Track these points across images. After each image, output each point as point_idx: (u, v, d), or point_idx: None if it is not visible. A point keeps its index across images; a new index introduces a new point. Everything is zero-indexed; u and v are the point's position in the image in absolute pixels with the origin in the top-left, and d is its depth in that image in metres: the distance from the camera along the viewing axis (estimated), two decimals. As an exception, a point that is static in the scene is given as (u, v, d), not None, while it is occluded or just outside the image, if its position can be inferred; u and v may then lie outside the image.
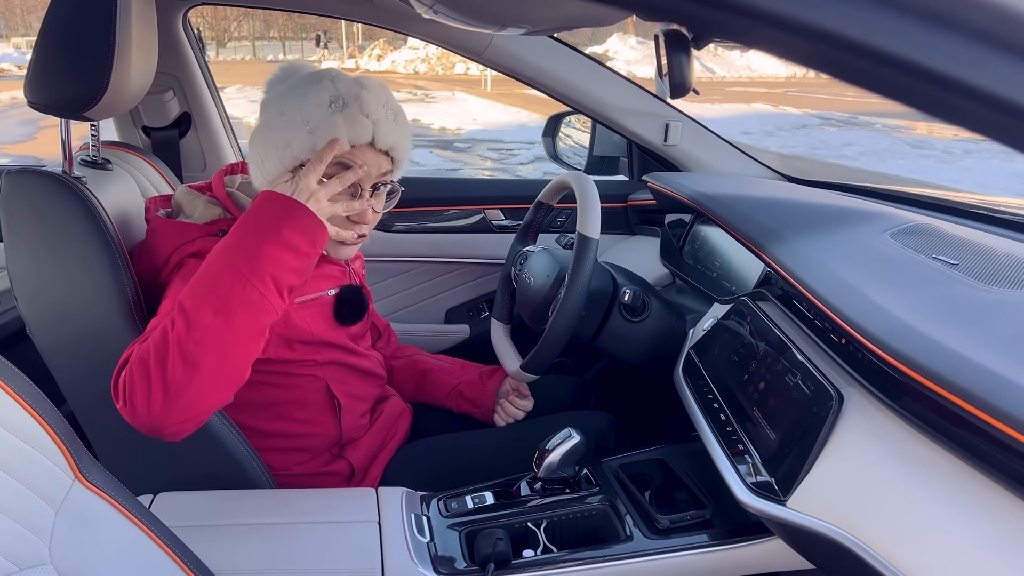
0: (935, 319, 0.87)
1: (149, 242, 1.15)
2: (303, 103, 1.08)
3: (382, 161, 1.13)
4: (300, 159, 1.07)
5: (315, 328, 1.20)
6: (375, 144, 1.10)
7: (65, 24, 1.05)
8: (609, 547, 1.06)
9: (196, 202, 1.18)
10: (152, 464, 1.15)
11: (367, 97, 1.09)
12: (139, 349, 0.93)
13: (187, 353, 0.91)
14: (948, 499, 0.75)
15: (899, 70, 0.29)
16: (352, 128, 1.07)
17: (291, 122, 1.07)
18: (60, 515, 0.75)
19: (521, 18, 0.85)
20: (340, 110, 1.07)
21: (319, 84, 1.09)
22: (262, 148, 1.11)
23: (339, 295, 1.24)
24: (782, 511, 0.89)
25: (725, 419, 1.09)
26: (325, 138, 1.05)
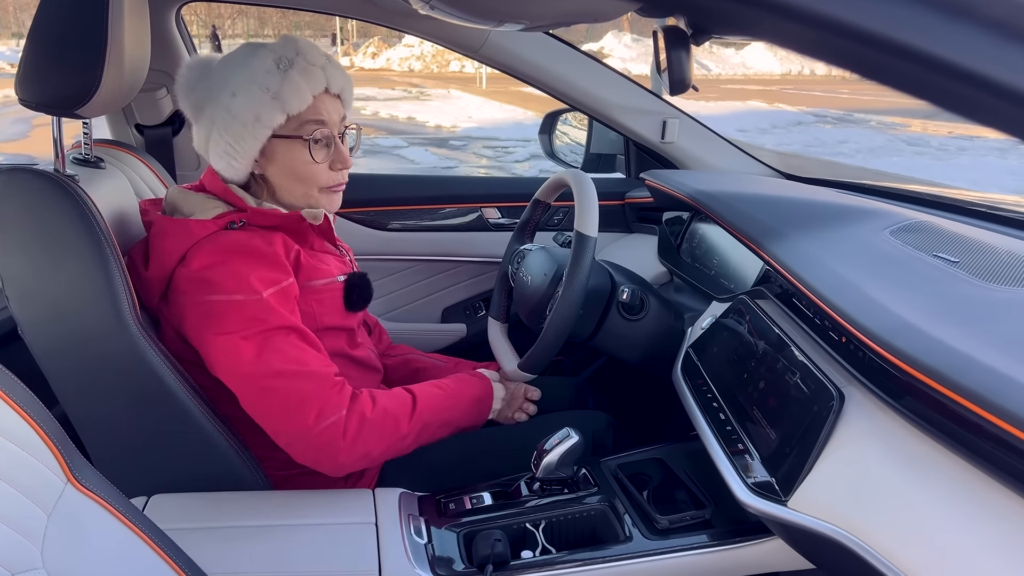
0: (937, 317, 0.87)
1: (157, 242, 1.14)
2: (253, 74, 1.12)
3: (339, 106, 1.20)
4: (272, 128, 1.13)
5: (324, 315, 1.22)
6: (330, 89, 1.16)
7: (56, 20, 1.04)
8: (608, 548, 1.05)
9: (194, 199, 1.18)
10: (146, 466, 1.14)
11: (305, 48, 1.15)
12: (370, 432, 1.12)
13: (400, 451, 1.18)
14: (950, 499, 0.75)
15: (917, 63, 0.28)
16: (309, 79, 1.13)
17: (251, 97, 1.12)
18: (52, 519, 0.74)
19: (519, 14, 0.84)
20: (291, 66, 1.12)
21: (256, 54, 1.14)
22: (228, 136, 1.14)
23: (348, 281, 1.27)
24: (783, 511, 0.89)
25: (724, 418, 1.08)
26: (291, 98, 1.11)
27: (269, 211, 1.18)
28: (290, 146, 1.16)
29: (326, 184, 1.20)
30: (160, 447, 1.13)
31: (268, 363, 1.08)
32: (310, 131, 1.16)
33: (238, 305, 1.09)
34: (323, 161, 1.18)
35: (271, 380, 1.08)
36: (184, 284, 1.11)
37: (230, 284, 1.09)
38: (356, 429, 1.10)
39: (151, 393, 1.09)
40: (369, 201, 1.93)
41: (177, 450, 1.13)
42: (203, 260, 1.10)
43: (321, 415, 1.08)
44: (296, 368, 1.09)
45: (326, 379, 1.11)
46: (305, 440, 1.09)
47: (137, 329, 1.07)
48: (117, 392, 1.09)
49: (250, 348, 1.08)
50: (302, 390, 1.08)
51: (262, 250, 1.13)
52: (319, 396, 1.09)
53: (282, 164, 1.18)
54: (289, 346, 1.10)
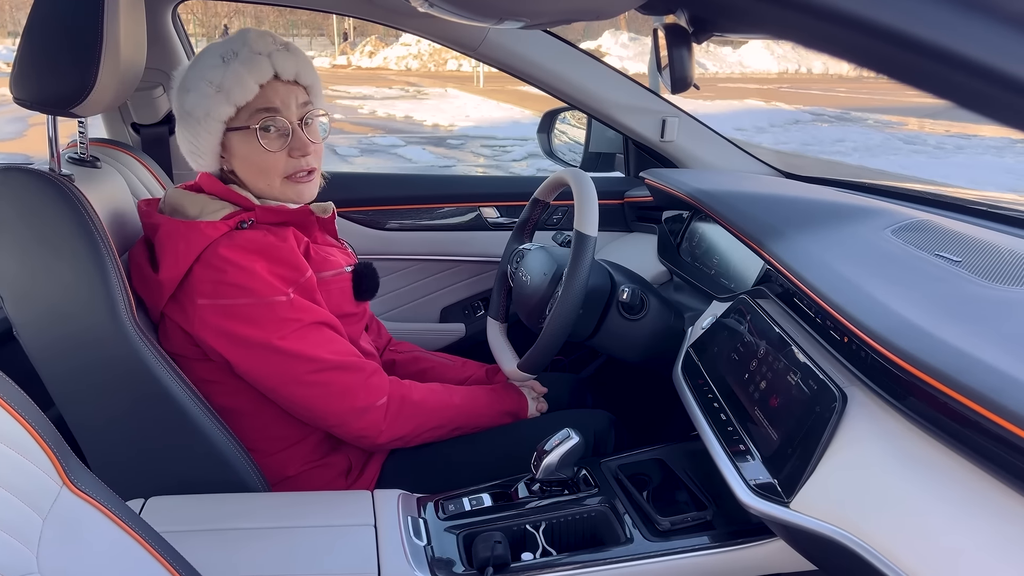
0: (940, 317, 0.86)
1: (170, 244, 1.13)
2: (201, 70, 1.14)
3: (295, 92, 1.18)
4: (224, 122, 1.14)
5: (334, 306, 1.22)
6: (280, 76, 1.15)
7: (51, 18, 1.03)
8: (609, 549, 1.04)
9: (198, 200, 1.17)
10: (144, 468, 1.13)
11: (253, 37, 1.15)
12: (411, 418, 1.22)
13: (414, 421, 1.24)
14: (955, 501, 0.74)
15: (936, 60, 0.27)
16: (252, 69, 1.12)
17: (199, 93, 1.13)
18: (48, 522, 0.73)
19: (519, 11, 0.83)
20: (234, 58, 1.13)
21: (207, 51, 1.16)
22: (189, 135, 1.17)
23: (356, 270, 1.28)
24: (785, 513, 0.88)
25: (725, 419, 1.07)
26: (234, 89, 1.12)
27: (276, 207, 1.19)
28: (244, 137, 1.16)
29: (286, 172, 1.19)
30: (157, 449, 1.13)
31: (309, 360, 1.12)
32: (258, 119, 1.15)
33: (268, 307, 1.10)
34: (279, 149, 1.17)
35: (313, 376, 1.13)
36: (203, 286, 1.10)
37: (255, 286, 1.10)
38: (396, 413, 1.19)
39: (148, 395, 1.08)
40: (367, 200, 1.92)
41: (175, 452, 1.12)
42: (222, 262, 1.10)
43: (365, 401, 1.16)
44: (336, 359, 1.14)
45: (364, 367, 1.17)
46: (349, 424, 1.17)
47: (134, 330, 1.06)
48: (114, 394, 1.08)
49: (288, 349, 1.11)
50: (345, 381, 1.15)
51: (278, 247, 1.14)
52: (362, 385, 1.16)
53: (241, 156, 1.18)
54: (325, 340, 1.14)
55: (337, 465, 1.24)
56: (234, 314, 1.10)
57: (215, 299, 1.10)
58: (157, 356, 1.08)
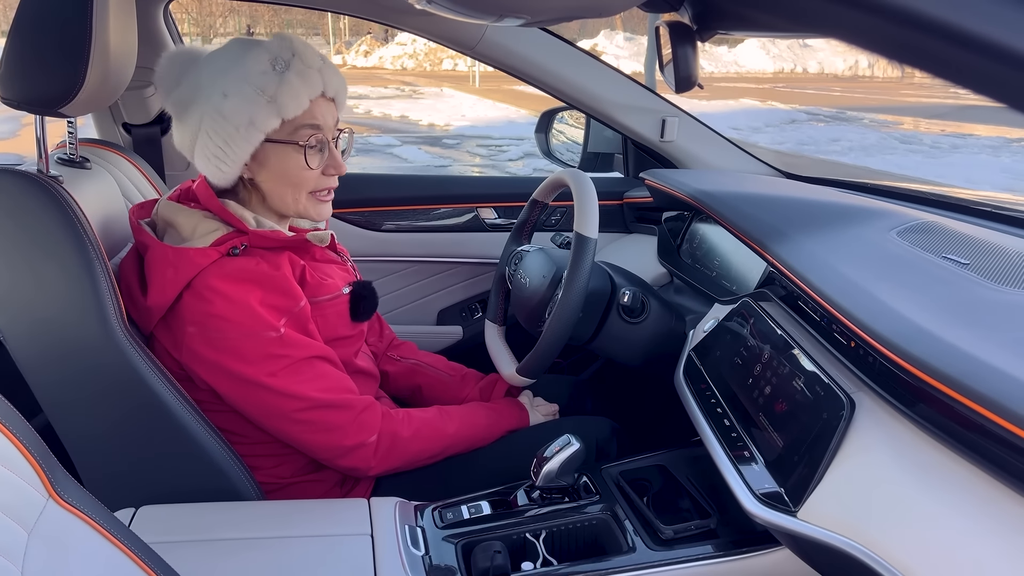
0: (949, 321, 0.84)
1: (159, 271, 1.09)
2: (247, 75, 1.07)
3: (334, 110, 1.15)
4: (266, 132, 1.08)
5: (329, 329, 1.19)
6: (326, 93, 1.12)
7: (39, 15, 1.00)
8: (611, 559, 1.02)
9: (191, 218, 1.12)
10: (135, 476, 1.11)
11: (302, 48, 1.10)
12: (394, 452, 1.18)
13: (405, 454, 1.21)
14: (968, 511, 0.73)
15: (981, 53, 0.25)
16: (306, 83, 1.08)
17: (245, 98, 1.06)
18: (33, 537, 0.71)
19: (519, 8, 0.81)
20: (287, 68, 1.07)
21: (250, 52, 1.08)
22: (217, 139, 1.08)
23: (354, 292, 1.24)
24: (792, 522, 0.86)
25: (729, 424, 1.05)
26: (288, 102, 1.07)
27: (271, 233, 1.14)
28: (284, 151, 1.11)
29: (316, 188, 1.16)
30: (149, 457, 1.10)
31: (297, 399, 1.09)
32: (305, 136, 1.11)
33: (257, 342, 1.07)
34: (317, 167, 1.14)
35: (302, 414, 1.10)
36: (192, 315, 1.07)
37: (244, 320, 1.06)
38: (387, 449, 1.16)
39: (139, 402, 1.06)
40: (363, 201, 1.90)
41: (167, 460, 1.10)
42: (211, 293, 1.06)
43: (355, 440, 1.13)
44: (325, 398, 1.11)
45: (354, 404, 1.14)
46: (338, 460, 1.15)
47: (124, 337, 1.04)
48: (104, 402, 1.06)
49: (276, 387, 1.08)
50: (334, 419, 1.12)
51: (270, 275, 1.10)
52: (352, 422, 1.13)
53: (274, 169, 1.13)
54: (315, 376, 1.11)
55: (332, 475, 1.22)
56: (222, 347, 1.07)
57: (203, 330, 1.07)
58: (148, 363, 1.05)
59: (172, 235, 1.13)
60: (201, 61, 1.12)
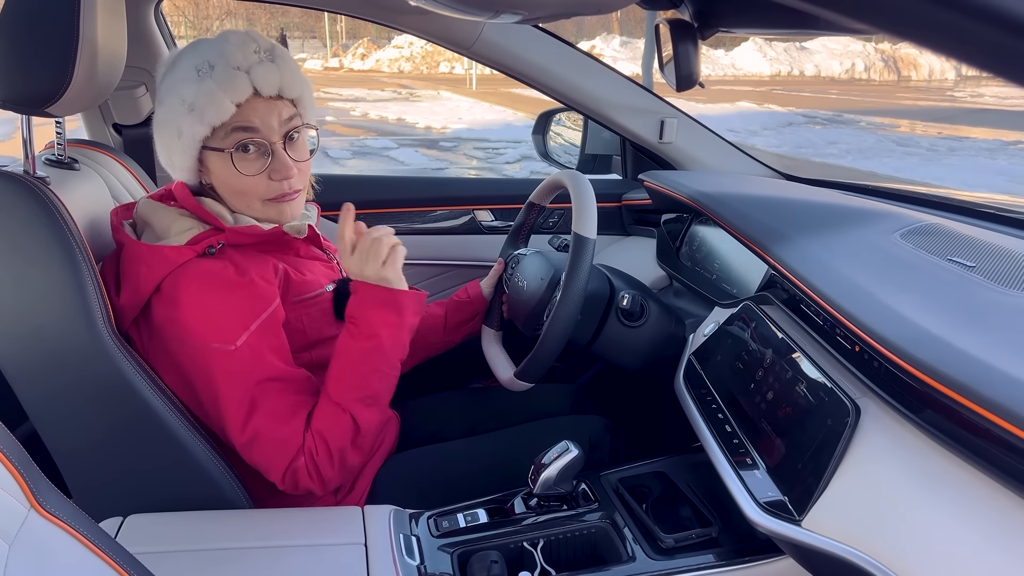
0: (956, 325, 0.83)
1: (132, 269, 1.06)
2: (174, 83, 1.05)
3: (279, 108, 1.08)
4: (198, 139, 1.05)
5: (312, 328, 1.16)
6: (260, 93, 1.05)
7: (26, 12, 0.98)
8: (611, 568, 1.00)
9: (166, 217, 1.10)
10: (122, 485, 1.08)
11: (231, 50, 1.04)
12: (314, 455, 1.06)
13: (361, 446, 1.10)
14: (976, 520, 0.71)
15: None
16: (227, 87, 1.02)
17: (172, 107, 1.05)
18: (15, 548, 0.68)
19: (516, 4, 0.79)
20: (209, 74, 1.03)
21: (185, 59, 1.06)
22: (163, 146, 1.09)
23: (337, 290, 1.21)
24: (797, 532, 0.84)
25: (731, 430, 1.03)
26: (207, 109, 1.02)
27: (248, 229, 1.10)
28: (219, 158, 1.07)
29: (267, 196, 1.10)
30: (138, 465, 1.08)
31: (236, 421, 1.05)
32: (235, 141, 1.05)
33: (215, 354, 1.04)
34: (257, 172, 1.07)
35: (242, 436, 1.06)
36: (159, 320, 1.05)
37: (205, 329, 1.04)
38: (323, 465, 1.07)
39: (127, 409, 1.03)
40: (358, 203, 1.86)
41: (156, 468, 1.07)
42: (177, 295, 1.04)
43: (286, 471, 1.07)
44: (258, 427, 1.05)
45: (287, 439, 1.06)
46: (287, 487, 1.09)
47: (112, 342, 1.02)
48: (92, 409, 1.04)
49: (232, 401, 1.04)
50: (261, 449, 1.06)
51: (236, 282, 1.06)
52: (279, 458, 1.06)
53: (218, 176, 1.09)
54: (257, 401, 1.05)
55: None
56: (184, 353, 1.05)
57: (168, 336, 1.05)
58: (136, 368, 1.03)
59: (149, 233, 1.11)
60: (169, 67, 1.10)
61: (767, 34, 1.38)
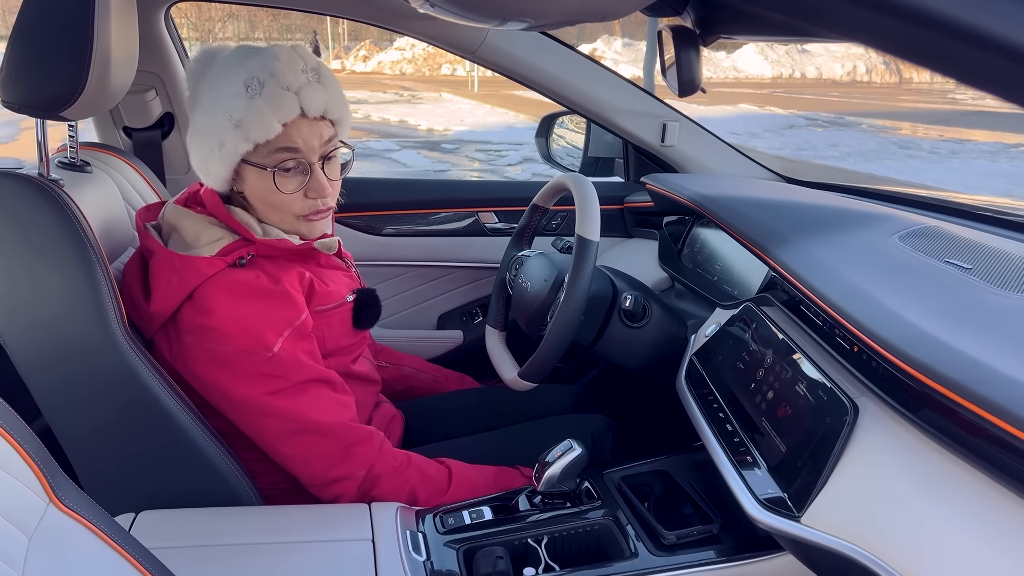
0: (953, 326, 0.84)
1: (162, 278, 1.08)
2: (221, 96, 1.05)
3: (321, 129, 1.09)
4: (239, 154, 1.06)
5: (332, 338, 1.18)
6: (306, 114, 1.06)
7: (41, 19, 1.00)
8: (613, 564, 1.01)
9: (196, 225, 1.11)
10: (135, 481, 1.10)
11: (281, 69, 1.04)
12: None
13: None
14: (973, 517, 0.72)
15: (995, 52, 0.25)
16: (276, 107, 1.03)
17: (216, 120, 1.05)
18: (34, 541, 0.70)
19: (522, 12, 0.80)
20: (259, 92, 1.03)
21: (231, 71, 1.05)
22: (200, 153, 1.09)
23: (357, 300, 1.23)
24: (796, 528, 0.86)
25: (732, 430, 1.05)
26: (254, 127, 1.03)
27: (278, 243, 1.12)
28: (259, 174, 1.09)
29: (301, 212, 1.12)
30: (149, 462, 1.10)
31: (284, 419, 1.07)
32: (278, 160, 1.07)
33: (250, 360, 1.06)
34: (295, 190, 1.10)
35: (289, 437, 1.09)
36: (189, 326, 1.07)
37: (240, 337, 1.05)
38: (369, 487, 1.12)
39: (139, 407, 1.05)
40: (363, 205, 1.89)
41: (167, 464, 1.09)
42: (210, 305, 1.05)
43: (339, 472, 1.10)
44: (315, 421, 1.08)
45: (346, 434, 1.11)
46: (321, 490, 1.12)
47: (125, 340, 1.04)
48: (104, 406, 1.06)
49: (265, 405, 1.07)
50: (320, 447, 1.09)
51: (271, 290, 1.08)
52: (339, 454, 1.10)
53: (255, 190, 1.11)
54: (307, 401, 1.09)
55: None
56: (216, 361, 1.06)
57: (200, 341, 1.06)
58: (148, 367, 1.05)
59: (176, 240, 1.12)
60: (212, 66, 1.10)
61: (767, 40, 1.39)
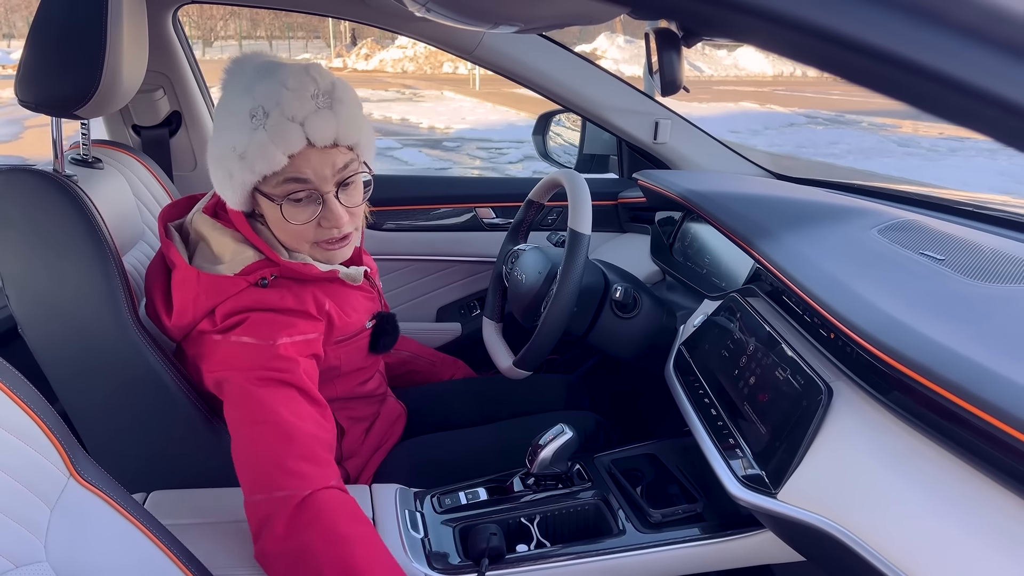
0: (922, 313, 0.88)
1: (187, 295, 1.06)
2: (228, 125, 1.01)
3: (333, 157, 1.03)
4: (249, 185, 1.03)
5: (346, 363, 1.19)
6: (314, 144, 1.00)
7: (56, 22, 1.05)
8: (602, 541, 1.06)
9: (222, 240, 1.08)
10: (144, 464, 1.15)
11: (288, 98, 0.98)
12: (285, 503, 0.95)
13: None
14: (936, 489, 0.77)
15: (886, 64, 0.30)
16: (280, 140, 0.98)
17: (223, 150, 1.02)
18: (55, 512, 0.75)
19: (513, 16, 0.85)
20: (262, 124, 0.98)
21: (240, 97, 1.01)
22: (215, 176, 1.06)
23: (376, 327, 1.22)
24: (772, 503, 0.91)
25: (716, 414, 1.10)
26: (257, 160, 0.99)
27: (303, 267, 1.08)
28: (270, 205, 1.05)
29: (316, 240, 1.09)
30: (158, 445, 1.14)
31: (258, 411, 1.00)
32: (287, 191, 1.03)
33: (249, 348, 1.03)
34: (306, 221, 1.05)
35: (250, 427, 1.00)
36: (203, 328, 1.07)
37: (245, 329, 1.04)
38: (303, 521, 0.94)
39: (150, 393, 1.10)
40: None
41: (176, 448, 1.14)
42: (227, 316, 1.05)
43: (282, 481, 0.96)
44: (283, 421, 0.99)
45: (308, 443, 0.99)
46: (251, 491, 0.98)
47: (135, 330, 1.08)
48: (117, 391, 1.11)
49: (250, 392, 1.01)
50: (274, 445, 0.98)
51: (291, 307, 1.06)
52: (284, 464, 0.97)
53: (269, 217, 1.08)
54: (287, 401, 1.01)
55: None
56: (228, 366, 1.04)
57: (211, 337, 1.06)
58: (156, 354, 1.10)
59: (203, 251, 1.10)
60: (235, 79, 1.06)
61: (742, 43, 1.42)
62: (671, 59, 0.88)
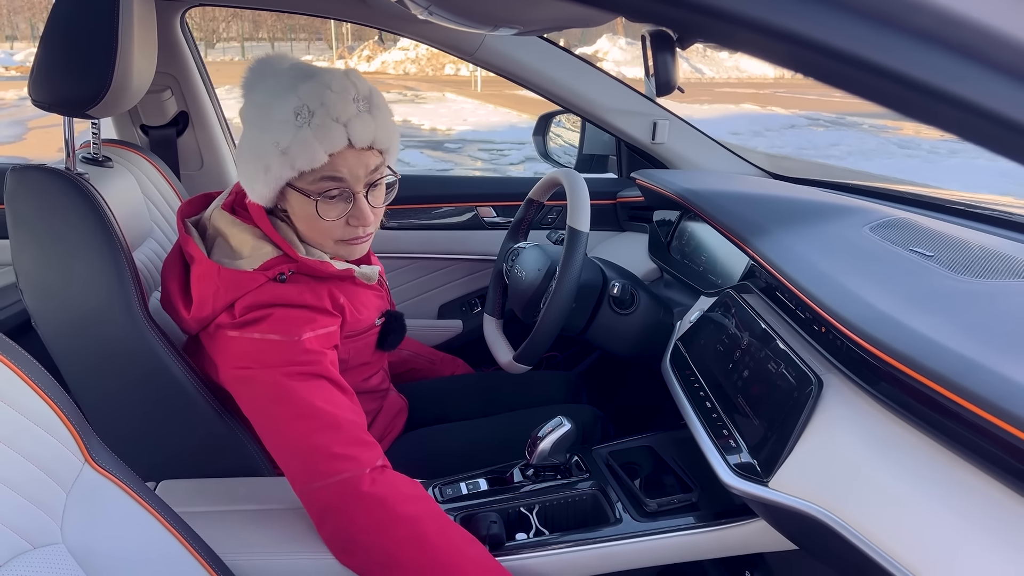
0: (911, 308, 0.91)
1: (205, 288, 1.08)
2: (270, 121, 1.03)
3: (367, 159, 1.07)
4: (284, 179, 1.05)
5: (353, 358, 1.21)
6: (353, 145, 1.04)
7: (68, 24, 1.08)
8: (599, 529, 1.09)
9: (241, 235, 1.11)
10: (154, 454, 1.18)
11: (333, 99, 1.02)
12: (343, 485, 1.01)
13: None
14: (922, 477, 0.79)
15: (853, 66, 0.33)
16: (324, 138, 1.02)
17: (263, 144, 1.03)
18: (71, 496, 0.78)
19: (513, 19, 0.88)
20: (307, 122, 1.01)
21: (283, 95, 1.03)
22: (246, 170, 1.08)
23: (385, 324, 1.26)
24: (764, 491, 0.93)
25: (711, 406, 1.12)
26: (299, 156, 1.02)
27: (320, 265, 1.11)
28: (303, 199, 1.08)
29: (342, 238, 1.12)
30: (168, 437, 1.17)
31: (298, 405, 1.03)
32: (322, 188, 1.06)
33: (276, 345, 1.05)
34: (337, 218, 1.09)
35: (295, 423, 1.03)
36: (221, 323, 1.09)
37: (268, 326, 1.06)
38: (371, 501, 1.00)
39: (160, 385, 1.13)
40: None
41: (185, 439, 1.17)
42: (248, 310, 1.07)
43: (339, 466, 1.01)
44: (323, 413, 1.03)
45: (352, 429, 1.05)
46: (304, 480, 1.03)
47: (145, 323, 1.11)
48: (127, 383, 1.13)
49: (286, 388, 1.04)
50: (321, 436, 1.03)
51: (310, 302, 1.09)
52: (333, 450, 1.02)
53: (297, 213, 1.10)
54: (322, 392, 1.05)
55: None
56: (252, 363, 1.06)
57: (230, 332, 1.08)
58: (167, 348, 1.12)
59: (221, 246, 1.12)
60: (266, 78, 1.08)
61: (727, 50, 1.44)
62: (665, 61, 0.91)
